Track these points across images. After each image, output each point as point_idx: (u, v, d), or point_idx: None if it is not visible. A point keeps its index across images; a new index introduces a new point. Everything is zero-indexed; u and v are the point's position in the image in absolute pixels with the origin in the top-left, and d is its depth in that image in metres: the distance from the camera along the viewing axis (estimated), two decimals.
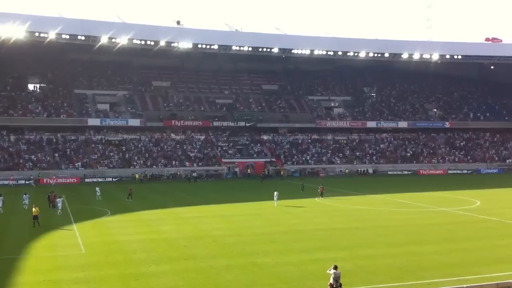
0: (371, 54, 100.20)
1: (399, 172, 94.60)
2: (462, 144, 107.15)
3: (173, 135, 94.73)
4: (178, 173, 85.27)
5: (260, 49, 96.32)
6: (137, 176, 79.54)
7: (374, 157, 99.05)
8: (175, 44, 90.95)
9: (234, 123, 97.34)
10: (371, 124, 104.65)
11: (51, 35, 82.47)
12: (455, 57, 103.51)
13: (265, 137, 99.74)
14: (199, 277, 25.08)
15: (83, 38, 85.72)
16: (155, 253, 29.88)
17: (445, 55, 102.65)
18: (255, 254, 29.57)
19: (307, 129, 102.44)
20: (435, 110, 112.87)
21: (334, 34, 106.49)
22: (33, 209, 38.71)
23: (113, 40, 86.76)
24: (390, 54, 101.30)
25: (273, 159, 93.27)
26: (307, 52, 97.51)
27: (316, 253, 29.89)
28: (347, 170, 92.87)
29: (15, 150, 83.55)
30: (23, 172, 77.90)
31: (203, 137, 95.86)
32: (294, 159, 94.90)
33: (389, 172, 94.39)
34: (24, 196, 47.91)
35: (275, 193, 50.67)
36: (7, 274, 25.68)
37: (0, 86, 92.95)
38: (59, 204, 45.09)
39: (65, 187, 68.75)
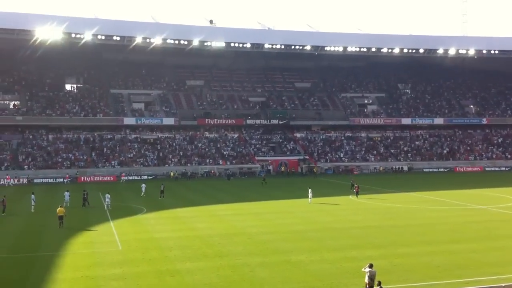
0: (405, 50, 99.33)
1: (435, 170, 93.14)
2: (499, 140, 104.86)
3: (206, 134, 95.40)
4: (212, 171, 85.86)
5: (293, 47, 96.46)
6: (172, 174, 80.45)
7: (409, 154, 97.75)
8: (208, 43, 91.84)
9: (267, 121, 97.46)
10: (406, 121, 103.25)
11: (87, 36, 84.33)
12: (492, 52, 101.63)
13: (298, 135, 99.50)
14: (234, 274, 25.26)
15: (118, 38, 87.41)
16: (190, 250, 30.20)
17: (481, 50, 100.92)
18: (290, 251, 29.61)
19: (340, 127, 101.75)
20: (471, 106, 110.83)
21: (367, 30, 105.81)
22: (58, 208, 38.43)
23: (147, 40, 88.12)
24: (425, 50, 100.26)
25: (306, 157, 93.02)
26: (340, 49, 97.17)
27: (351, 251, 29.77)
28: (381, 168, 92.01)
29: (53, 149, 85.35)
30: (61, 171, 79.50)
31: (236, 135, 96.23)
32: (327, 157, 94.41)
33: (424, 170, 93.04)
34: (66, 193, 49.09)
35: (309, 190, 50.61)
36: (46, 270, 26.32)
37: (39, 87, 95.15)
38: (108, 200, 47.38)
39: (102, 185, 69.96)
